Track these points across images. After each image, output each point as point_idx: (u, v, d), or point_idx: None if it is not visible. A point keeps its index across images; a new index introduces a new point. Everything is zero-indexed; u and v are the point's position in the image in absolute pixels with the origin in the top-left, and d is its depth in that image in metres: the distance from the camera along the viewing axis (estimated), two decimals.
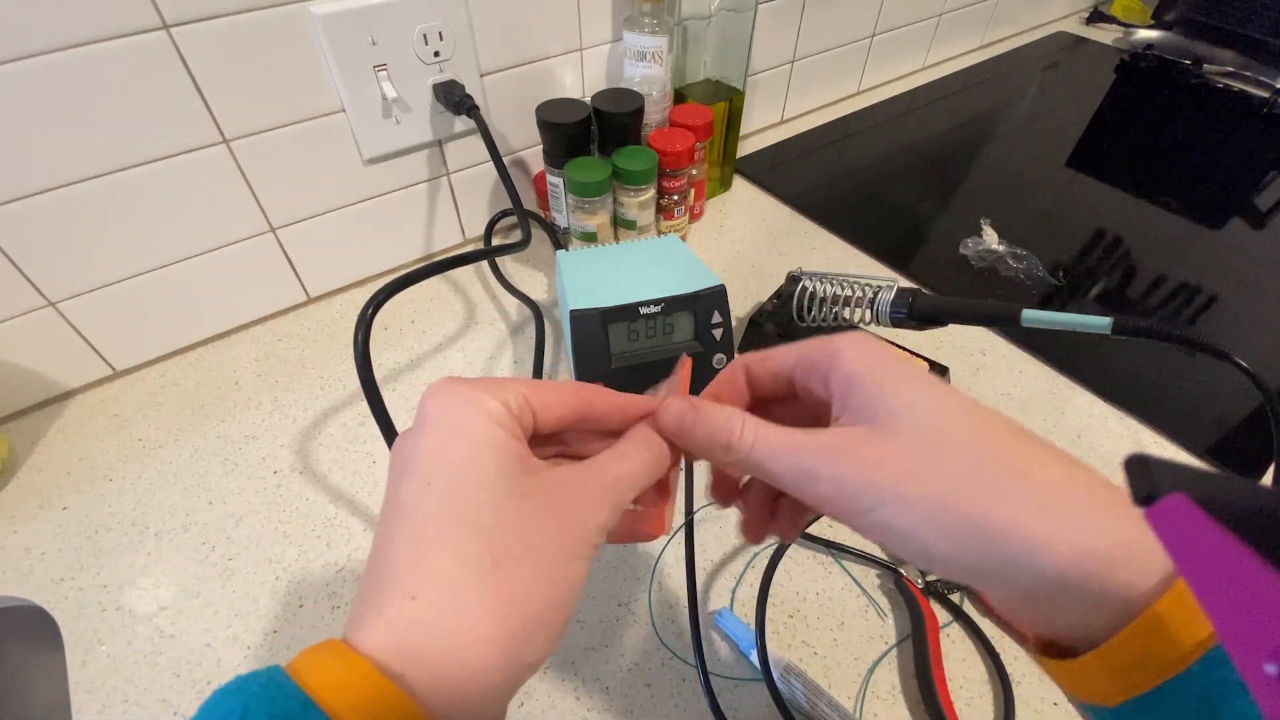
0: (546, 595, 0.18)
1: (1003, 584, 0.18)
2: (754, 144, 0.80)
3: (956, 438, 0.19)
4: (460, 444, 0.19)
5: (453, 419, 0.20)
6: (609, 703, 0.36)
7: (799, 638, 0.38)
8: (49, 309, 0.47)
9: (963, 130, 0.84)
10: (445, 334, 0.56)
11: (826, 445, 0.20)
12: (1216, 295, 0.61)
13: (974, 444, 0.19)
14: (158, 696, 0.36)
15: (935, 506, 0.18)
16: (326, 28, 0.46)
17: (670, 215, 0.61)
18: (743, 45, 0.62)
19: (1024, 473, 0.18)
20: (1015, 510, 0.18)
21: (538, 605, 0.18)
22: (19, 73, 0.38)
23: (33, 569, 0.41)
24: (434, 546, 0.18)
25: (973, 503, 0.18)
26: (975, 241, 0.64)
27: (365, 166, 0.54)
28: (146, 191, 0.46)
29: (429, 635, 0.17)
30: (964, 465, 0.19)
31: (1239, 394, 0.51)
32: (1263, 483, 0.46)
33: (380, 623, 0.17)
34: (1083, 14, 1.15)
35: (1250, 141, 0.84)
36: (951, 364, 0.53)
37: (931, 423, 0.20)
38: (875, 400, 0.20)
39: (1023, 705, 0.35)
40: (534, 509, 0.19)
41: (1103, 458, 0.47)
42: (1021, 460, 0.19)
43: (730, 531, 0.43)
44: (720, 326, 0.45)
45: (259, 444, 0.48)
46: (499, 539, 0.18)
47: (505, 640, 0.17)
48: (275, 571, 0.41)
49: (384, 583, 0.18)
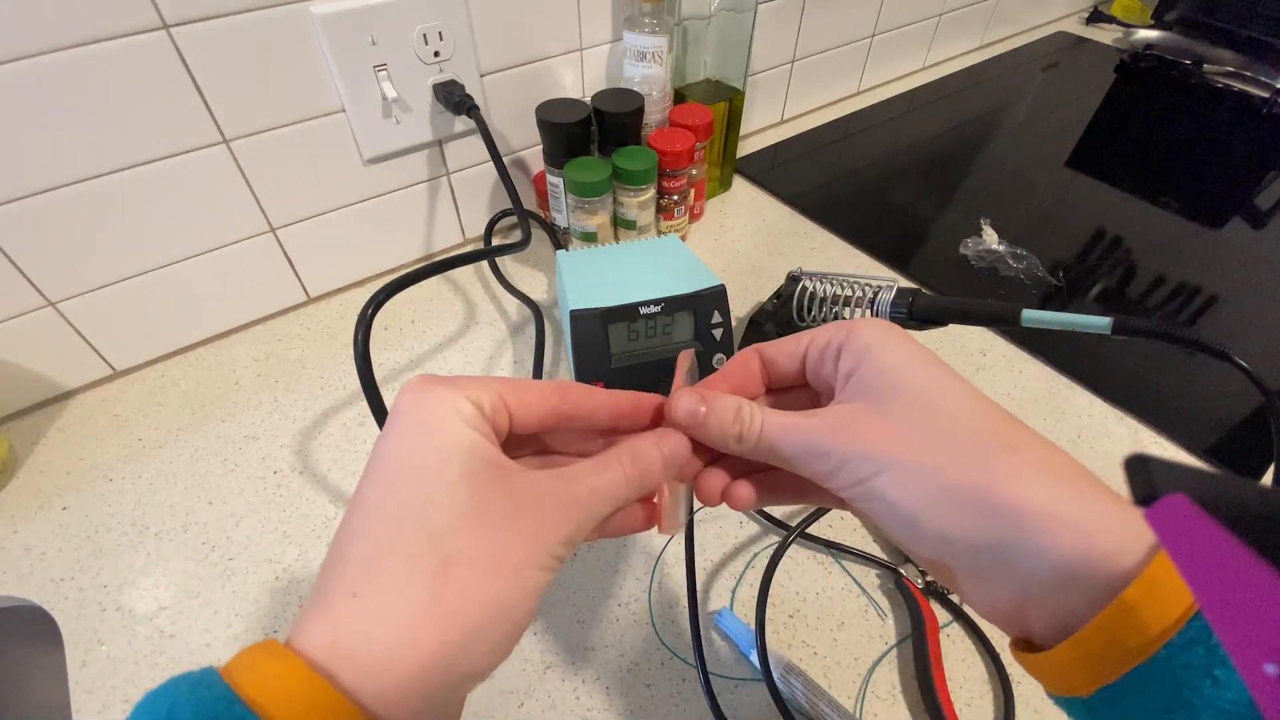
0: (488, 609, 0.18)
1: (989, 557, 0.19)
2: (754, 144, 0.80)
3: (951, 412, 0.20)
4: (427, 445, 0.19)
5: (423, 419, 0.19)
6: (609, 703, 0.36)
7: (799, 638, 0.38)
8: (49, 309, 0.47)
9: (963, 130, 0.84)
10: (445, 334, 0.56)
11: (828, 422, 0.21)
12: (1216, 295, 0.61)
13: (968, 419, 0.20)
14: None
15: (928, 474, 0.19)
16: (326, 28, 0.46)
17: (670, 215, 0.61)
18: (743, 45, 0.62)
19: (1015, 448, 0.19)
20: (1004, 478, 0.18)
21: (477, 617, 0.18)
22: (19, 73, 0.38)
23: (33, 569, 0.41)
24: (386, 548, 0.18)
25: (962, 470, 0.19)
26: (975, 241, 0.64)
27: (365, 166, 0.54)
28: (146, 191, 0.46)
29: (366, 635, 0.17)
30: (957, 438, 0.19)
31: (1239, 394, 0.51)
32: (1263, 483, 0.46)
33: (324, 621, 0.17)
34: (1083, 14, 1.15)
35: (1250, 141, 0.84)
36: (951, 364, 0.52)
37: (928, 398, 0.20)
38: (879, 376, 0.21)
39: (1023, 705, 0.35)
40: (494, 518, 0.19)
41: (1103, 458, 0.47)
42: (1013, 437, 0.19)
43: (730, 531, 0.43)
44: (720, 326, 0.45)
45: (259, 444, 0.48)
46: (449, 546, 0.18)
47: (438, 649, 0.17)
48: (275, 571, 0.41)
49: (334, 580, 0.18)
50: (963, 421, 0.20)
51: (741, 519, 0.44)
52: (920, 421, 0.20)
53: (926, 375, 0.21)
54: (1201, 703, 0.15)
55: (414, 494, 0.18)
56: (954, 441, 0.19)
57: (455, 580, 0.18)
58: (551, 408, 0.22)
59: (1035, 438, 0.20)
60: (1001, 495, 0.18)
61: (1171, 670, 0.16)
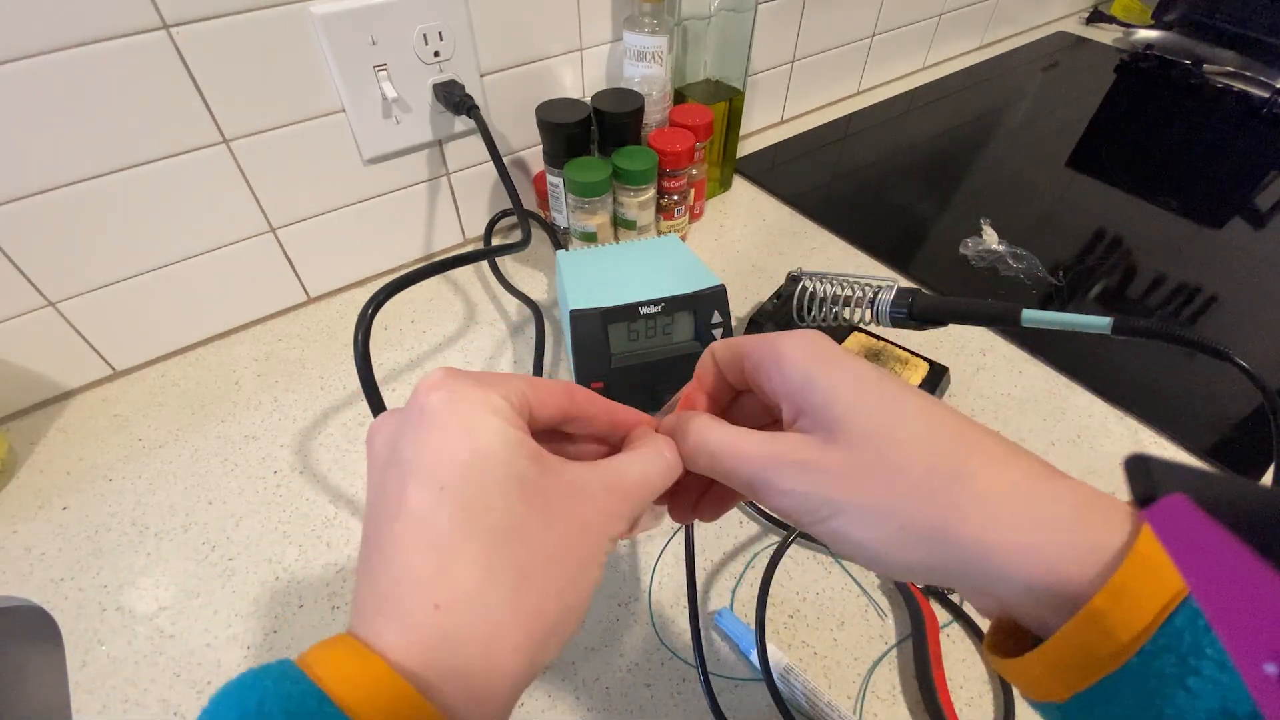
0: (567, 601, 0.19)
1: (955, 583, 0.19)
2: (754, 144, 0.80)
3: (902, 442, 0.19)
4: (472, 446, 0.18)
5: (460, 418, 0.19)
6: (609, 703, 0.36)
7: (799, 638, 0.38)
8: (49, 309, 0.47)
9: (963, 130, 0.84)
10: (445, 334, 0.56)
11: (784, 457, 0.21)
12: (1216, 295, 0.61)
13: (917, 447, 0.19)
14: (158, 696, 0.36)
15: (885, 515, 0.19)
16: (326, 28, 0.46)
17: (670, 215, 0.61)
18: (743, 45, 0.62)
19: (969, 475, 0.19)
20: (960, 515, 0.18)
21: (554, 617, 0.18)
22: (19, 73, 0.38)
23: (33, 569, 0.41)
24: (455, 555, 0.17)
25: (918, 510, 0.19)
26: (975, 241, 0.64)
27: (365, 166, 0.54)
28: (146, 191, 0.46)
29: (455, 642, 0.17)
30: (910, 473, 0.19)
31: (1239, 394, 0.51)
32: (1263, 483, 0.46)
33: (400, 627, 0.17)
34: (1083, 14, 1.15)
35: (1250, 141, 0.84)
36: (951, 364, 0.53)
37: (877, 428, 0.20)
38: (823, 406, 0.20)
39: (1023, 705, 0.35)
40: (552, 515, 0.19)
41: (1103, 458, 0.47)
42: (967, 461, 0.19)
43: (730, 531, 0.43)
44: (720, 326, 0.45)
45: (259, 444, 0.48)
46: (518, 548, 0.18)
47: (529, 647, 0.18)
48: (275, 571, 0.41)
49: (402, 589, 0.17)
50: (912, 451, 0.19)
51: (741, 519, 0.44)
52: (872, 457, 0.19)
53: (872, 398, 0.20)
54: (1175, 712, 0.15)
55: (468, 497, 0.18)
56: (905, 478, 0.19)
57: (531, 582, 0.18)
58: (560, 408, 0.22)
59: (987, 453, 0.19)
60: (958, 532, 0.18)
61: (1144, 679, 0.16)
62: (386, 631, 0.17)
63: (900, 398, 0.20)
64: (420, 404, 0.19)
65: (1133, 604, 0.16)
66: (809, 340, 0.22)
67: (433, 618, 0.17)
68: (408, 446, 0.19)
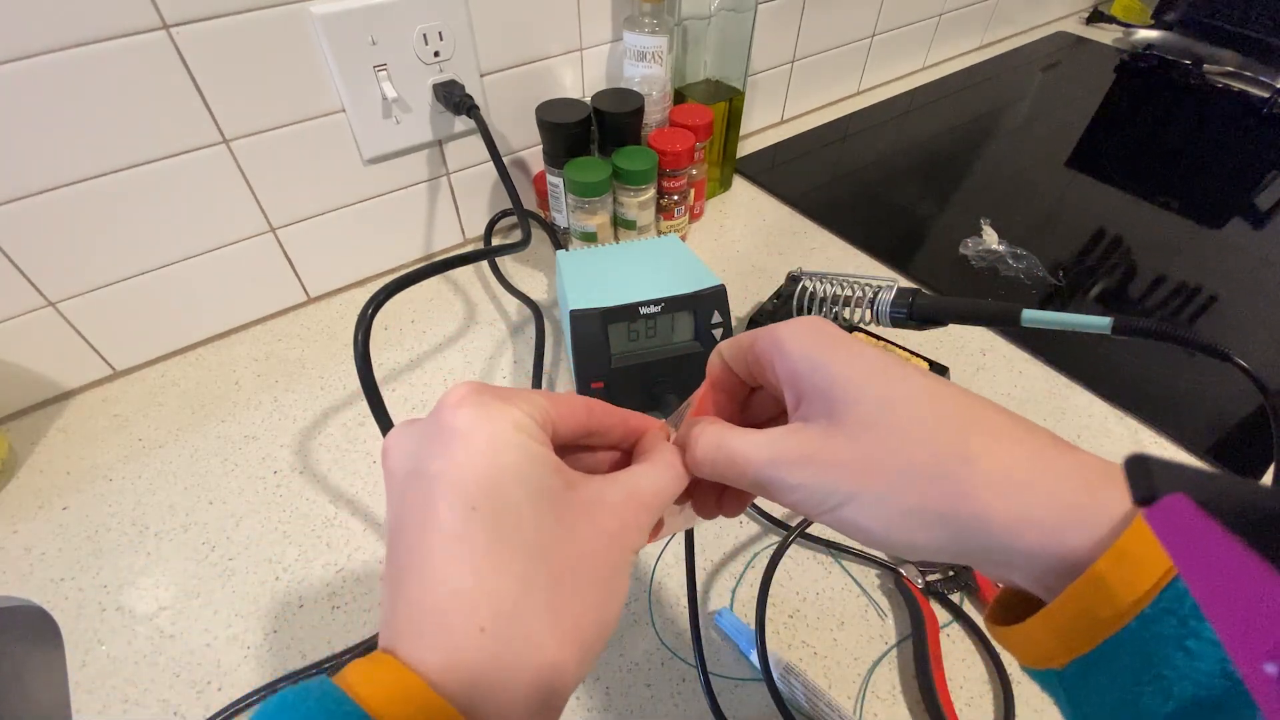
0: (603, 611, 0.19)
1: (966, 560, 0.19)
2: (754, 144, 0.80)
3: (906, 426, 0.19)
4: (500, 463, 0.18)
5: (487, 435, 0.19)
6: (609, 703, 0.36)
7: (799, 638, 0.38)
8: (49, 309, 0.47)
9: (963, 130, 0.84)
10: (445, 334, 0.56)
11: (787, 455, 0.21)
12: (1216, 295, 0.61)
13: (923, 428, 0.19)
14: (158, 696, 0.36)
15: (892, 500, 0.19)
16: (326, 28, 0.46)
17: (670, 215, 0.61)
18: (743, 45, 0.62)
19: (975, 455, 0.19)
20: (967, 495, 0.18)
21: (591, 631, 0.19)
22: (19, 73, 0.38)
23: (33, 569, 0.41)
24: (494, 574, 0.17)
25: (925, 493, 0.19)
26: (975, 241, 0.64)
27: (365, 166, 0.54)
28: (146, 191, 0.46)
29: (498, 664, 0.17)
30: (916, 456, 0.19)
31: (1239, 394, 0.51)
32: (1263, 483, 0.46)
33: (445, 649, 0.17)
34: (1083, 14, 1.15)
35: (1250, 141, 0.84)
36: (951, 364, 0.53)
37: (882, 411, 0.20)
38: (825, 392, 0.21)
39: (1023, 705, 0.35)
40: (580, 529, 0.19)
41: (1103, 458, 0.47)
42: (973, 440, 0.19)
43: (730, 531, 0.43)
44: (720, 326, 0.45)
45: (259, 444, 0.48)
46: (553, 564, 0.18)
47: (572, 659, 0.18)
48: (275, 571, 0.41)
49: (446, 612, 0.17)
50: (916, 435, 0.19)
51: (741, 519, 0.44)
52: (877, 442, 0.19)
53: (875, 381, 0.20)
54: (1173, 674, 0.15)
55: (499, 514, 0.18)
56: (911, 462, 0.19)
57: (567, 598, 0.18)
58: (580, 423, 0.23)
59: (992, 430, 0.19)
60: (964, 511, 0.18)
61: (1144, 641, 0.16)
62: (429, 653, 0.17)
63: (903, 380, 0.20)
64: (447, 421, 0.19)
65: (1135, 568, 0.16)
66: (809, 326, 0.22)
67: (478, 640, 0.17)
68: (434, 463, 0.19)
